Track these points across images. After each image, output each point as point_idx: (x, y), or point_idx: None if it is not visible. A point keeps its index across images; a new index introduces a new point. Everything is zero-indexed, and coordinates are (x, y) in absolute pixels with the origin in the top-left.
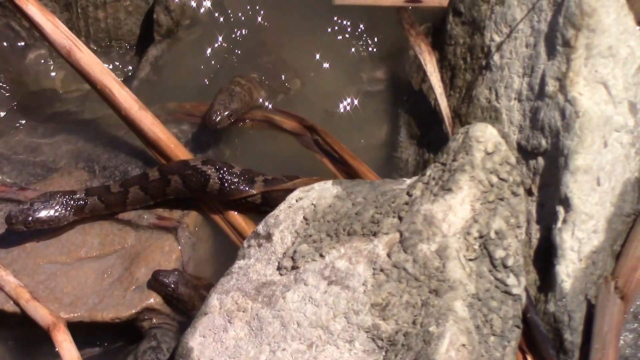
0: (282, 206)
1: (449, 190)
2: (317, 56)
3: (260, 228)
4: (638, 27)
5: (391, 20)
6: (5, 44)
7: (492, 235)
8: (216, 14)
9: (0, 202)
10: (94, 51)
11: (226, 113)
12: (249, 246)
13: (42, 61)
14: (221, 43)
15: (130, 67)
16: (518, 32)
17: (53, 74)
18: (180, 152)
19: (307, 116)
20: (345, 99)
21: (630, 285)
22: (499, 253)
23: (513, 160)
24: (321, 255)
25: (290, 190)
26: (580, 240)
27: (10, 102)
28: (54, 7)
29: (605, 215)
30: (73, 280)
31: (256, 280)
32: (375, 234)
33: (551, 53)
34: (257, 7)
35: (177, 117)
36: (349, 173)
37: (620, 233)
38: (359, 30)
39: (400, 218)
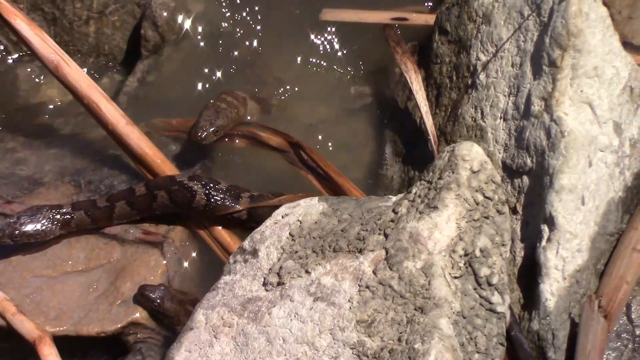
0: (268, 222)
1: (435, 208)
2: (303, 72)
3: (246, 244)
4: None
5: (377, 37)
6: None
7: (477, 253)
8: (203, 30)
9: None
10: (81, 66)
11: (212, 129)
12: (235, 262)
13: (29, 75)
14: (208, 59)
15: (117, 82)
16: (504, 51)
17: (39, 87)
18: (166, 167)
19: (293, 132)
20: (331, 116)
21: (613, 304)
22: (484, 271)
23: (498, 178)
24: (307, 272)
25: (276, 207)
26: (564, 259)
27: None
28: (42, 22)
29: (589, 235)
30: (59, 294)
31: (242, 296)
32: (361, 251)
33: (537, 73)
34: (244, 24)
35: (163, 133)
36: (334, 190)
37: (603, 252)
38: (345, 46)
39: (386, 235)
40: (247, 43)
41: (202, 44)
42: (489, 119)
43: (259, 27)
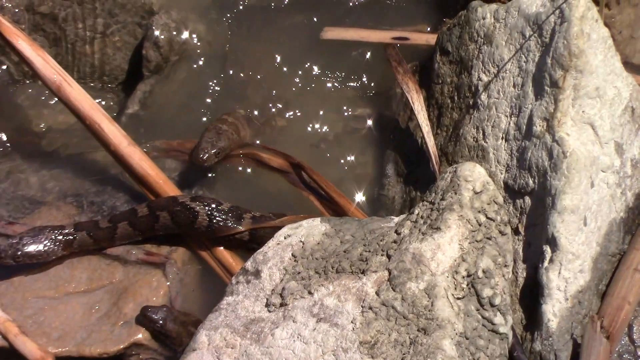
0: (271, 243)
1: (438, 229)
2: (305, 92)
3: (249, 265)
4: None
5: (379, 57)
6: None
7: (480, 274)
8: (204, 51)
9: None
10: (83, 86)
11: (213, 151)
12: (238, 282)
13: (30, 95)
14: (209, 79)
15: (119, 103)
16: (506, 72)
17: (41, 108)
18: (168, 188)
19: (294, 153)
20: (332, 136)
21: (615, 325)
22: (487, 292)
23: (501, 199)
24: (310, 293)
25: (278, 228)
26: (566, 279)
27: None
28: (43, 42)
29: (591, 255)
30: (61, 315)
31: (245, 317)
32: (364, 272)
33: (539, 93)
34: (246, 44)
35: (165, 155)
36: (336, 210)
37: (605, 272)
38: (346, 66)
39: (388, 256)
40: (249, 63)
41: (203, 64)
42: (490, 139)
43: (260, 47)
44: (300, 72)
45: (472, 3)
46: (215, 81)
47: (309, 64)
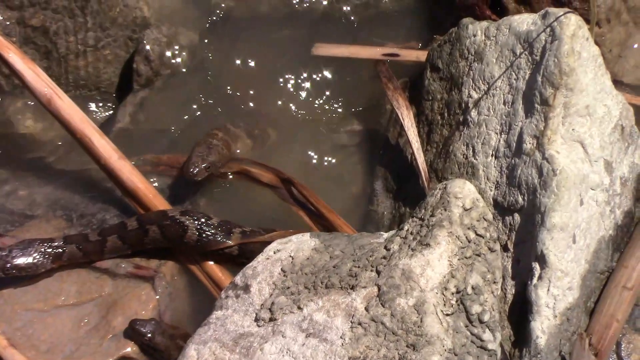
0: (260, 258)
1: (427, 245)
2: (295, 107)
3: (238, 279)
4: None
5: (369, 73)
6: None
7: (469, 290)
8: (195, 65)
9: None
10: (74, 99)
11: (203, 165)
12: (227, 297)
13: (20, 108)
14: (199, 94)
15: (109, 116)
16: (496, 89)
17: (31, 121)
18: (158, 202)
19: (284, 168)
20: (322, 152)
21: (604, 342)
22: (476, 308)
23: (490, 216)
24: (299, 308)
25: (268, 243)
26: (555, 296)
27: None
28: (34, 55)
29: (580, 272)
30: (50, 328)
31: (234, 331)
32: (353, 288)
33: (529, 111)
34: (237, 59)
35: (155, 169)
36: (326, 226)
37: (594, 290)
38: (337, 82)
39: (378, 272)
40: (239, 78)
41: (193, 78)
42: (480, 156)
43: (251, 62)
44: (290, 87)
45: (463, 20)
46: (205, 96)
47: (299, 79)
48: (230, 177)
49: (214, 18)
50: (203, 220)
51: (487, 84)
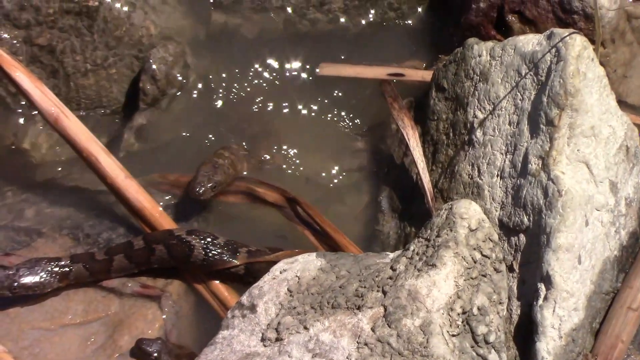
0: (266, 277)
1: (433, 265)
2: (301, 127)
3: (245, 299)
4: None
5: (374, 93)
6: None
7: (475, 311)
8: (201, 84)
9: None
10: (80, 118)
11: (209, 185)
12: (233, 317)
13: (27, 127)
14: (205, 113)
15: (115, 135)
16: (501, 109)
17: (37, 139)
18: (164, 221)
19: (289, 188)
20: (328, 171)
21: None
22: (481, 329)
23: (496, 237)
24: (305, 328)
25: (274, 262)
26: (561, 317)
27: None
28: (41, 74)
29: (585, 293)
30: (57, 347)
31: (240, 351)
32: (359, 308)
33: (534, 131)
34: (242, 78)
35: (161, 188)
36: (331, 245)
37: (599, 311)
38: (342, 101)
39: (384, 292)
40: (245, 98)
41: (199, 98)
42: (485, 176)
43: (257, 82)
44: (295, 107)
45: (468, 40)
46: (211, 115)
47: (304, 98)
48: (236, 196)
49: (221, 37)
50: (209, 239)
51: (493, 104)
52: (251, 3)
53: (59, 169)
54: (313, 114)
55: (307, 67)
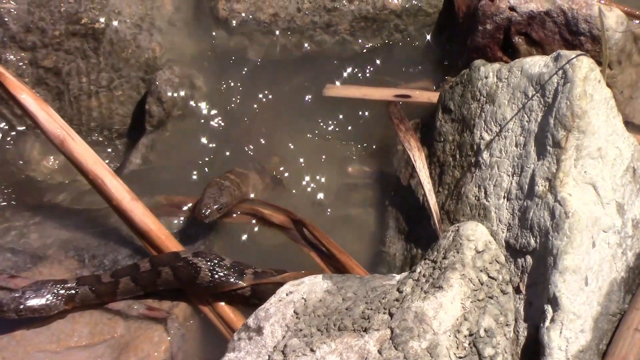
0: (273, 299)
1: (440, 287)
2: (307, 149)
3: (251, 321)
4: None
5: (380, 114)
6: None
7: (482, 333)
8: (207, 106)
9: None
10: (85, 140)
11: (216, 207)
12: (239, 339)
13: (33, 149)
14: (211, 135)
15: (121, 157)
16: (508, 131)
17: (43, 161)
18: (171, 243)
19: (295, 209)
20: (334, 192)
21: None
22: (488, 351)
23: (502, 258)
24: (312, 350)
25: (280, 284)
26: (567, 339)
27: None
28: (46, 96)
29: (592, 315)
30: None
31: None
32: (366, 330)
33: (541, 153)
34: (248, 100)
35: (167, 210)
36: (337, 267)
37: (606, 332)
38: (348, 123)
39: (391, 314)
40: (251, 119)
41: (205, 120)
42: (492, 198)
43: (263, 104)
44: (302, 129)
45: (475, 62)
46: (217, 137)
47: (310, 120)
48: (242, 218)
49: (227, 59)
50: (215, 261)
51: (499, 126)
52: (257, 25)
53: (64, 190)
54: (319, 135)
55: (313, 88)
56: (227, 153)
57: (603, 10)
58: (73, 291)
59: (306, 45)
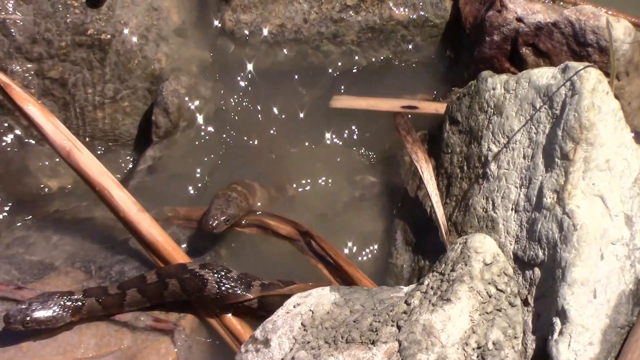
0: (280, 312)
1: (448, 300)
2: (313, 160)
3: (258, 333)
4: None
5: (387, 125)
6: (1, 142)
7: (490, 346)
8: (214, 117)
9: None
10: (91, 151)
11: (223, 218)
12: (247, 351)
13: (39, 160)
14: (218, 146)
15: (128, 168)
16: (516, 142)
17: (49, 172)
18: (177, 255)
19: (303, 221)
20: (341, 204)
21: None
22: None
23: (511, 271)
24: None
25: (287, 296)
26: (576, 352)
27: (6, 200)
28: (52, 107)
29: (601, 327)
30: None
31: None
32: (373, 343)
33: (549, 165)
34: (256, 111)
35: (174, 222)
36: (345, 279)
37: (614, 345)
38: (355, 134)
39: (399, 327)
40: (258, 130)
41: (213, 131)
42: (500, 210)
43: (270, 115)
44: (308, 140)
45: (482, 73)
46: (224, 148)
47: (317, 131)
48: (249, 229)
49: (233, 70)
50: (222, 273)
51: (507, 138)
52: (263, 36)
53: (71, 201)
54: (326, 146)
55: (320, 99)
56: (234, 164)
57: (611, 22)
58: (80, 303)
59: (312, 56)
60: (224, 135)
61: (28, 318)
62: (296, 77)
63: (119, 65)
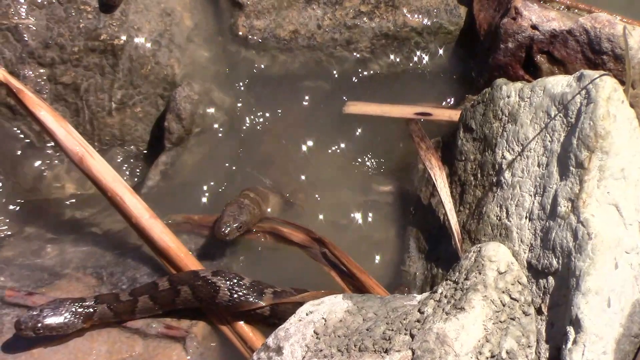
0: (293, 319)
1: (462, 309)
2: (326, 167)
3: (270, 341)
4: None
5: (401, 132)
6: (13, 147)
7: (504, 354)
8: (227, 124)
9: (8, 306)
10: (103, 156)
11: (235, 225)
12: (259, 359)
13: (50, 165)
14: (231, 153)
15: (140, 174)
16: (530, 151)
17: (61, 178)
18: (190, 261)
19: (315, 228)
20: (353, 211)
21: None
22: None
23: (524, 279)
24: None
25: (299, 304)
26: None
27: (18, 206)
28: (65, 112)
29: (614, 336)
30: None
31: None
32: (387, 351)
33: (564, 173)
34: (268, 117)
35: (186, 228)
36: (357, 286)
37: (628, 354)
38: (368, 141)
39: (412, 335)
40: (271, 137)
41: (225, 137)
42: (514, 218)
43: (282, 121)
44: (322, 147)
45: (497, 81)
46: (236, 154)
47: (330, 137)
48: (261, 236)
49: (246, 76)
50: (235, 280)
51: (521, 146)
52: (277, 42)
53: (83, 207)
54: (339, 153)
55: (333, 106)
56: (247, 170)
57: (628, 29)
58: (91, 309)
59: (326, 62)
60: (237, 141)
61: (39, 324)
62: (309, 83)
63: (132, 71)
